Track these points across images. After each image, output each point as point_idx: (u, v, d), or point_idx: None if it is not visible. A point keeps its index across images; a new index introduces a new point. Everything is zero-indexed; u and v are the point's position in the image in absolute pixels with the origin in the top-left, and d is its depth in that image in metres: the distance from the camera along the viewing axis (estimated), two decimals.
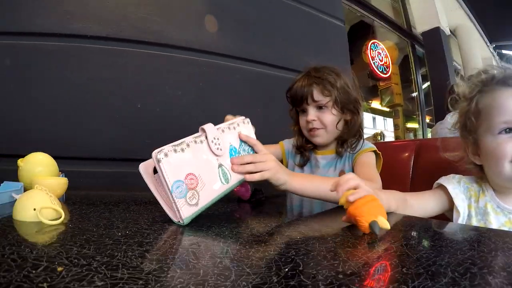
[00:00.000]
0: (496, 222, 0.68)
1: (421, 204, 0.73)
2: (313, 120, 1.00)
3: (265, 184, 0.70)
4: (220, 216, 0.62)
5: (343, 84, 1.00)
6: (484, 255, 0.38)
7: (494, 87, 0.67)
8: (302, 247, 0.40)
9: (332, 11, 1.94)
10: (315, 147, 1.09)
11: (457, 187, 0.74)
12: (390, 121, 5.63)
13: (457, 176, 0.77)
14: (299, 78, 1.03)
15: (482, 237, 0.48)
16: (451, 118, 0.85)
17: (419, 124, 5.57)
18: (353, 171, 0.99)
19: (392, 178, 1.21)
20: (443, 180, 0.76)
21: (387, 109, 5.36)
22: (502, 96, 0.65)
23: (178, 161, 0.53)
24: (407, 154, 1.21)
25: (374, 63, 4.63)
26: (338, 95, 0.98)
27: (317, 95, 0.99)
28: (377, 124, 5.60)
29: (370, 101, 5.47)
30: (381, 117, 5.66)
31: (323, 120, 1.00)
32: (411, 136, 5.67)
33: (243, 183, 0.69)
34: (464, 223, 0.70)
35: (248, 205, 0.79)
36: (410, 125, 5.85)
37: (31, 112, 1.18)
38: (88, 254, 0.34)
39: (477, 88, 0.69)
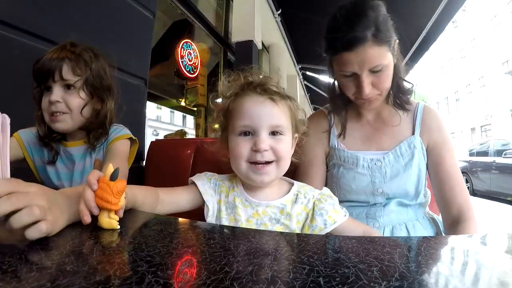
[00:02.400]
0: (244, 214, 0.72)
1: (173, 199, 0.75)
2: (58, 101, 0.86)
3: None
4: None
5: (99, 67, 0.92)
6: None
7: (246, 92, 0.72)
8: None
9: (145, 1, 1.83)
10: (64, 137, 0.95)
11: (206, 183, 0.78)
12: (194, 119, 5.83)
13: (210, 173, 0.82)
14: (51, 50, 0.88)
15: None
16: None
17: None
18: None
19: (173, 173, 1.28)
20: (194, 177, 0.80)
21: (192, 108, 5.57)
22: (247, 102, 0.71)
23: None
24: (189, 151, 1.31)
25: (183, 61, 4.73)
26: (91, 78, 0.89)
27: (66, 72, 0.86)
28: (184, 122, 5.76)
29: (180, 100, 5.57)
30: (186, 116, 5.85)
31: (69, 102, 0.88)
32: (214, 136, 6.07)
33: None
34: (215, 217, 0.75)
35: None
36: (213, 125, 6.28)
37: None
38: None
39: (234, 90, 0.74)
